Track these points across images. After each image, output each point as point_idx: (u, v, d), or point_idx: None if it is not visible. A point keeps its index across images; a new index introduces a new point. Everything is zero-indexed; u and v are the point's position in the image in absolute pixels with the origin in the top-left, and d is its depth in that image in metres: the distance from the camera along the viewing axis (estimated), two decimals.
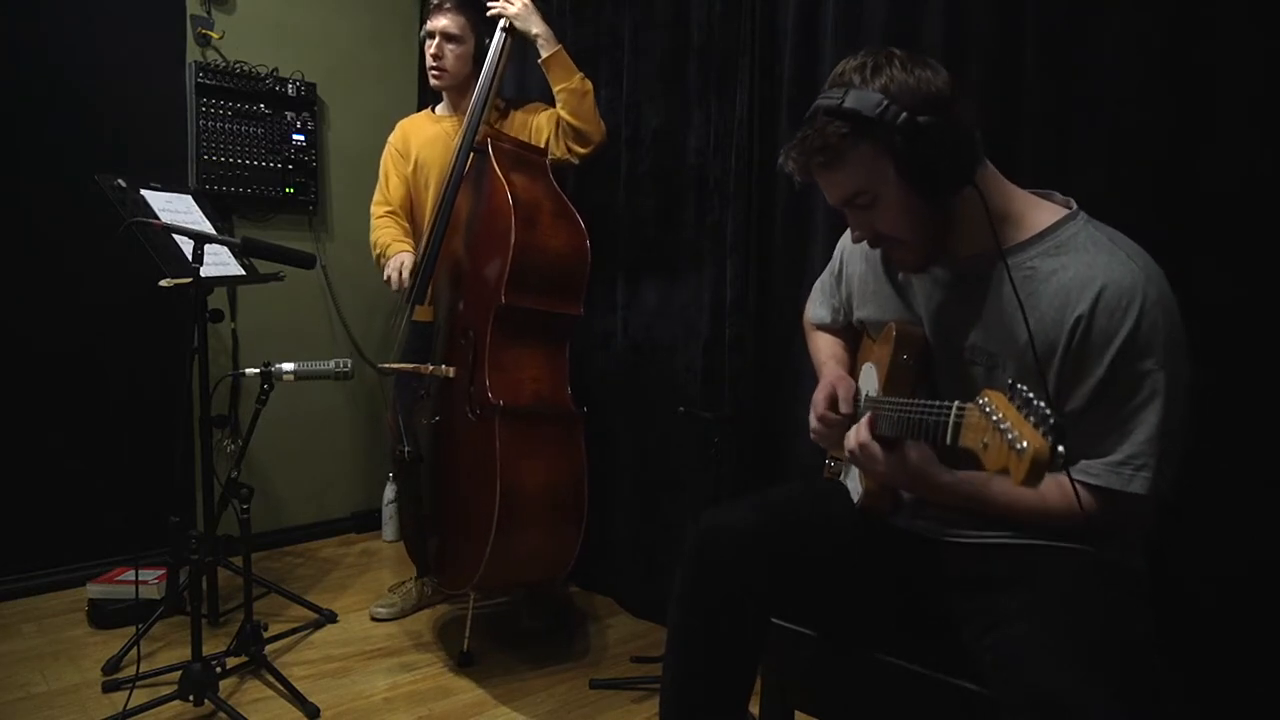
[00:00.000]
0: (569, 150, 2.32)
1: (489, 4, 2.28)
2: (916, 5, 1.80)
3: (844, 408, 1.34)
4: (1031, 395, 0.85)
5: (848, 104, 1.10)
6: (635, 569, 2.56)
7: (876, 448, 1.14)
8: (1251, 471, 1.38)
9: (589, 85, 2.31)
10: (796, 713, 1.40)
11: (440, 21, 2.38)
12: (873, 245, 1.23)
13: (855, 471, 1.35)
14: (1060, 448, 0.80)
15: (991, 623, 1.10)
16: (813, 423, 1.38)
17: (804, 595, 1.30)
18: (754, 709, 1.36)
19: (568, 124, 2.29)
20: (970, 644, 1.15)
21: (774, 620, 1.33)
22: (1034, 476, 0.82)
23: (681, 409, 2.12)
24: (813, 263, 2.05)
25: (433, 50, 2.40)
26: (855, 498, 1.34)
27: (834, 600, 1.32)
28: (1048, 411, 0.82)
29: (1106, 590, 1.10)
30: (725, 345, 2.23)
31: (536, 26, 2.26)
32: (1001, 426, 0.86)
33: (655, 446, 2.48)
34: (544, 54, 2.26)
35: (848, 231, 1.48)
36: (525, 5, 2.25)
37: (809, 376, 2.03)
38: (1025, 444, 0.82)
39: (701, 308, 2.32)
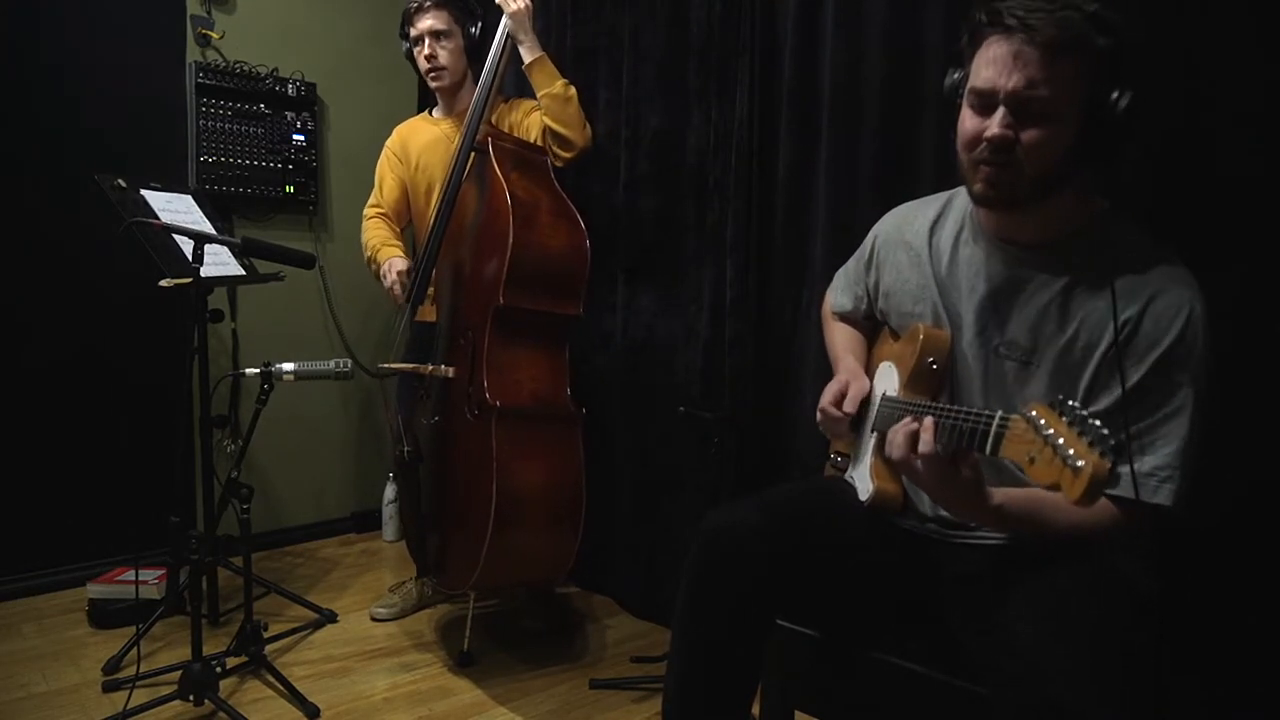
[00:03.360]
0: (553, 155, 2.32)
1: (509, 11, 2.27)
2: (917, 6, 1.80)
3: (848, 406, 1.35)
4: (1085, 413, 0.85)
5: (1105, 13, 1.05)
6: (635, 569, 2.56)
7: (938, 458, 1.06)
8: (1255, 474, 1.38)
9: (573, 91, 2.31)
10: (797, 713, 1.40)
11: (425, 22, 2.38)
12: (994, 151, 1.11)
13: (863, 469, 1.36)
14: (1117, 469, 0.81)
15: (992, 625, 1.10)
16: (818, 413, 1.39)
17: (808, 595, 1.30)
18: (754, 709, 1.36)
19: (550, 129, 2.29)
20: (970, 645, 1.15)
21: (777, 621, 1.33)
22: (1091, 495, 0.81)
23: (681, 409, 2.12)
24: (813, 263, 2.05)
25: (426, 53, 2.40)
26: (863, 495, 1.33)
27: (837, 600, 1.32)
28: (1105, 431, 0.82)
29: (1108, 596, 1.09)
30: (725, 345, 2.23)
31: (526, 32, 2.27)
32: (1055, 442, 0.85)
33: (655, 446, 2.48)
34: (529, 58, 2.28)
35: (884, 219, 1.47)
36: (529, 7, 2.26)
37: (809, 376, 2.05)
38: (1083, 463, 0.81)
39: (701, 308, 2.32)
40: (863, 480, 1.35)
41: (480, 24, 2.42)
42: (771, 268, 2.16)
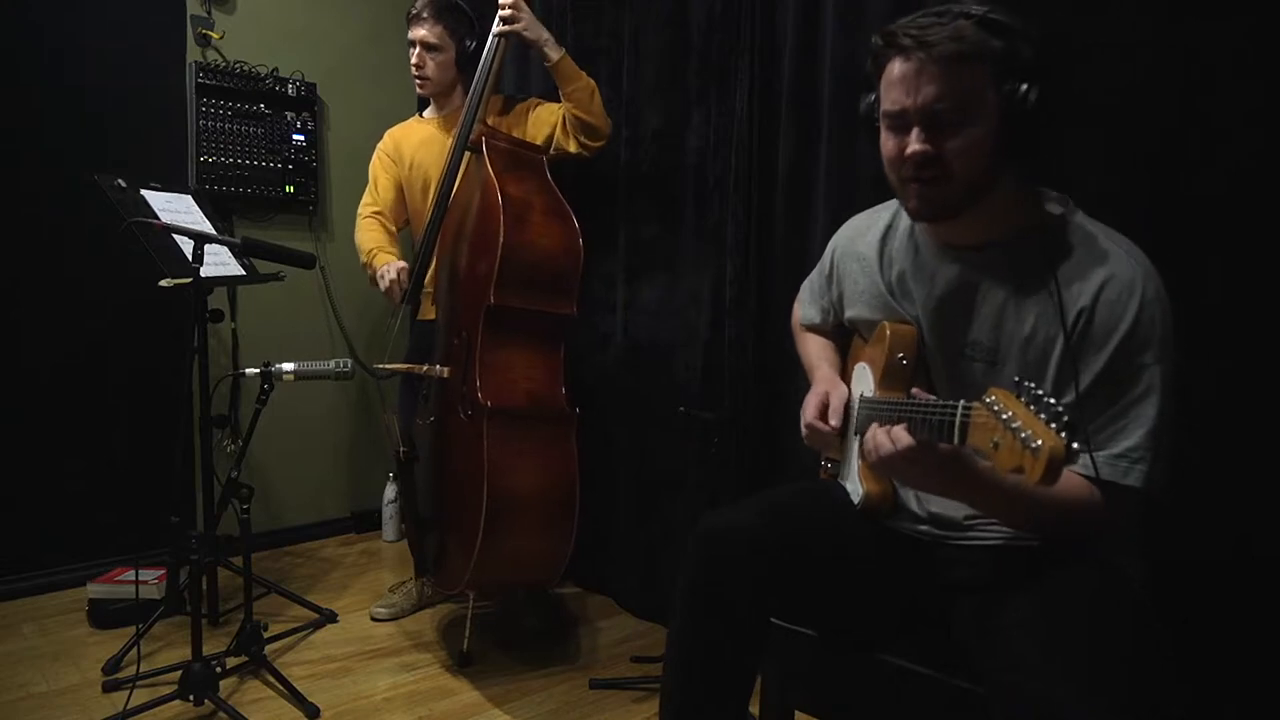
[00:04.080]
0: (582, 145, 2.34)
1: (500, 26, 2.27)
2: (917, 6, 1.79)
3: (833, 420, 1.35)
4: (1041, 392, 0.85)
5: (995, 15, 1.09)
6: (635, 569, 2.56)
7: (918, 448, 1.05)
8: (1249, 472, 1.38)
9: (594, 83, 2.34)
10: (796, 713, 1.40)
11: (418, 32, 2.41)
12: (917, 168, 1.13)
13: (854, 472, 1.35)
14: (1074, 444, 0.80)
15: (990, 627, 1.09)
16: (803, 428, 1.40)
17: (804, 596, 1.30)
18: (754, 709, 1.36)
19: (581, 120, 2.31)
20: (968, 646, 1.15)
21: (774, 621, 1.33)
22: (1051, 474, 0.81)
23: (681, 409, 2.12)
24: (812, 263, 2.03)
25: (414, 60, 2.43)
26: (855, 499, 1.34)
27: (834, 601, 1.32)
28: (1060, 408, 0.82)
29: (1107, 596, 1.09)
30: (725, 345, 2.23)
31: (544, 31, 2.29)
32: (1013, 425, 0.85)
33: (655, 446, 2.48)
34: (554, 57, 2.28)
35: (840, 230, 1.50)
36: (530, 15, 2.27)
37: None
38: (1040, 442, 0.81)
39: (701, 308, 2.32)
40: (853, 484, 1.36)
41: (476, 41, 2.42)
42: (771, 268, 2.16)
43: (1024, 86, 1.08)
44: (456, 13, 2.43)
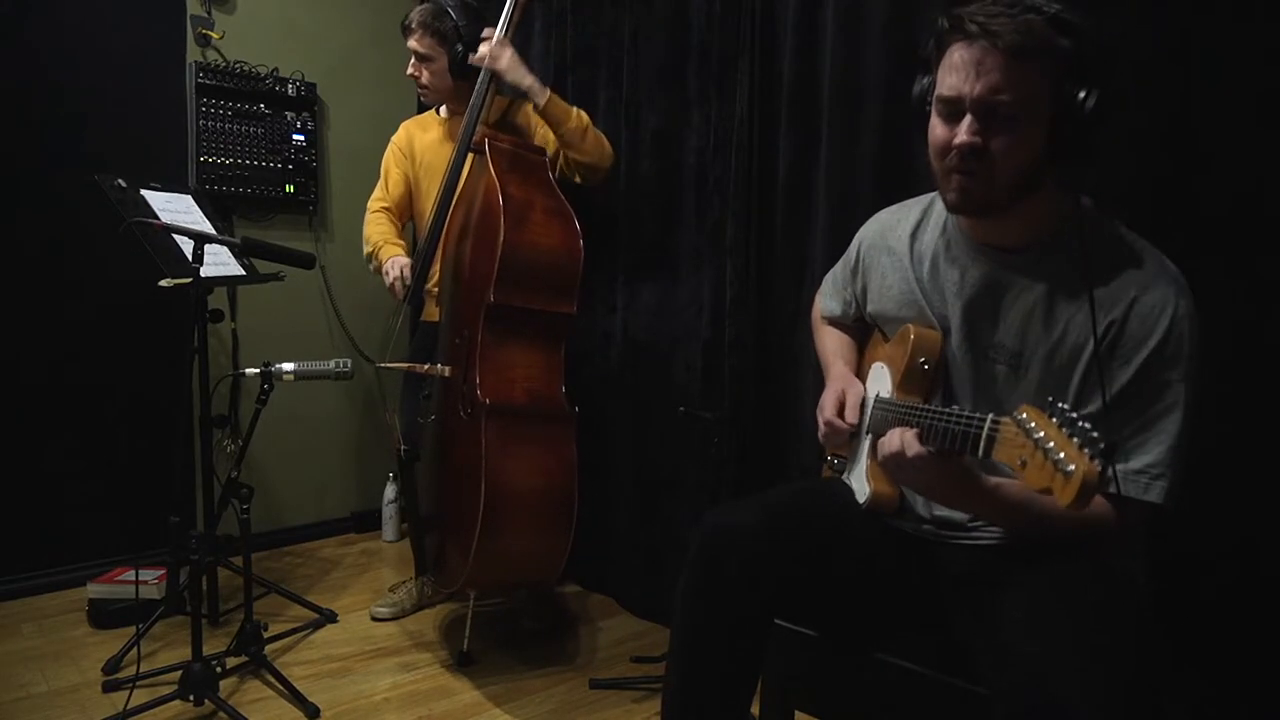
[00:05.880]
0: (584, 180, 2.36)
1: (473, 61, 2.27)
2: (916, 6, 1.80)
3: (850, 416, 1.35)
4: (1075, 415, 0.84)
5: (1065, 15, 1.06)
6: (635, 569, 2.56)
7: (927, 457, 1.06)
8: (1253, 477, 1.38)
9: (585, 118, 2.33)
10: (796, 713, 1.40)
11: (410, 42, 2.42)
12: (964, 158, 1.11)
13: (860, 471, 1.36)
14: (1109, 472, 0.80)
15: (991, 624, 1.10)
16: (820, 426, 1.39)
17: (807, 595, 1.30)
18: (753, 709, 1.36)
19: (577, 162, 2.32)
20: (969, 644, 1.15)
21: (776, 621, 1.33)
22: (1082, 499, 0.81)
23: (681, 409, 2.12)
24: (813, 263, 2.05)
25: (410, 71, 2.44)
26: (861, 498, 1.34)
27: (837, 601, 1.32)
28: (1095, 433, 0.82)
29: (1106, 593, 1.09)
30: (725, 345, 2.23)
31: (526, 78, 2.26)
32: (1045, 446, 0.85)
33: (655, 446, 2.48)
34: (540, 102, 2.27)
35: (868, 224, 1.48)
36: (513, 57, 2.25)
37: (809, 376, 2.05)
38: (1073, 466, 0.81)
39: (701, 308, 2.32)
40: (860, 483, 1.35)
41: (465, 47, 2.39)
42: (771, 268, 2.16)
43: (1083, 91, 1.06)
44: (443, 20, 2.41)
